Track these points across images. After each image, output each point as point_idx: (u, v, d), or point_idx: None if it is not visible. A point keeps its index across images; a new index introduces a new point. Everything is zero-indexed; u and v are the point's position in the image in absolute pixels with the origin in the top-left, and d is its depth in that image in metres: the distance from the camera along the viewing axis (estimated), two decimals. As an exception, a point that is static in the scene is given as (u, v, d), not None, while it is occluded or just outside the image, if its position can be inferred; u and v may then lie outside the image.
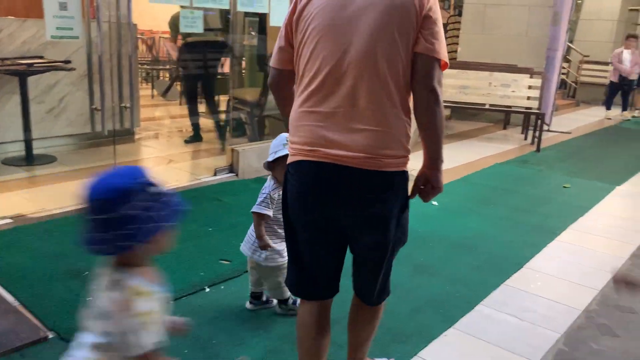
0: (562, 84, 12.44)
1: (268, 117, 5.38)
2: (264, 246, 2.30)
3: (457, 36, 9.08)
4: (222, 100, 5.95)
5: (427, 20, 1.55)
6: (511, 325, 2.54)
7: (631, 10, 13.32)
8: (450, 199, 4.41)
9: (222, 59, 5.72)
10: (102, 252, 1.21)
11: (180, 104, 7.24)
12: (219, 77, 5.89)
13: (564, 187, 5.02)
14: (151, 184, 1.23)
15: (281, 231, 2.28)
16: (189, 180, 4.40)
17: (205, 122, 5.74)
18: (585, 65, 12.03)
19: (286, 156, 1.77)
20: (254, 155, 4.63)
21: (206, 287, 2.71)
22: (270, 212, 2.31)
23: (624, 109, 9.93)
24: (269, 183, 2.34)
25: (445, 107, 7.12)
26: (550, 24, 8.15)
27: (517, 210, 4.24)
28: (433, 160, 1.73)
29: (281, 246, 2.31)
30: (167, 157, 5.09)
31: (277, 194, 2.28)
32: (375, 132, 1.57)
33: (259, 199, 2.31)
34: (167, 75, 8.91)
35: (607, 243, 3.68)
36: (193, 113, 5.60)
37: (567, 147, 7.02)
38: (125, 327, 1.19)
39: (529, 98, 6.84)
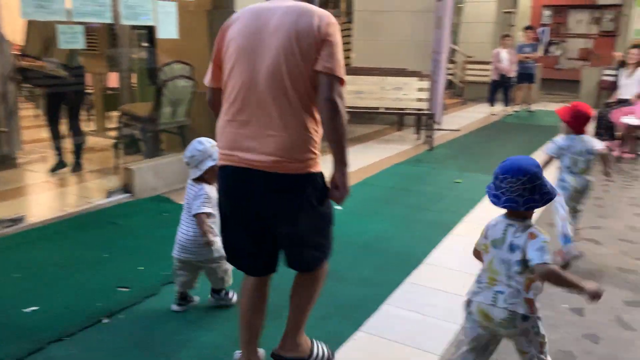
0: (449, 84, 13.20)
1: (163, 131, 5.20)
2: (208, 243, 2.50)
3: (350, 42, 9.34)
4: (114, 117, 5.67)
5: (326, 44, 1.83)
6: (415, 321, 2.63)
7: (505, 12, 14.46)
8: (353, 202, 4.48)
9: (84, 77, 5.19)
10: (531, 208, 1.82)
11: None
12: (107, 92, 5.60)
13: (456, 182, 5.31)
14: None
15: (215, 226, 2.54)
16: (80, 204, 4.14)
17: (96, 141, 5.44)
18: (469, 66, 12.86)
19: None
20: (150, 173, 4.46)
21: (104, 318, 2.56)
22: (213, 210, 2.49)
23: (506, 104, 10.72)
24: (200, 186, 2.57)
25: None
26: (434, 28, 8.63)
27: (415, 208, 4.42)
28: (338, 165, 1.96)
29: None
30: (55, 181, 4.76)
31: (214, 192, 2.48)
32: (283, 138, 1.85)
33: (199, 201, 2.52)
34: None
35: (497, 232, 3.94)
36: (55, 136, 4.98)
37: (457, 143, 7.45)
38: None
39: (419, 100, 7.17)
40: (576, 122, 3.24)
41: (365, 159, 6.25)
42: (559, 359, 2.36)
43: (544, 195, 1.81)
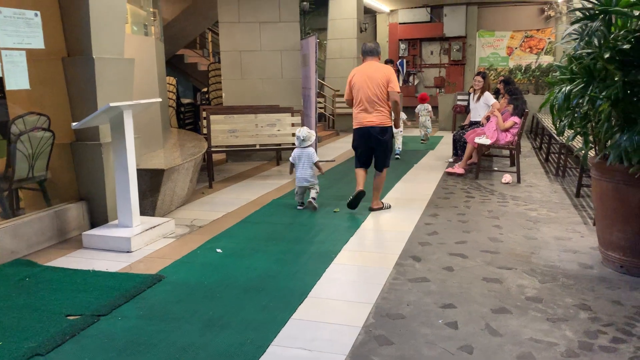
0: (321, 117, 13.71)
1: (21, 188, 4.78)
2: (321, 172, 5.76)
3: (220, 82, 9.35)
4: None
5: (390, 79, 5.20)
6: (302, 359, 2.63)
7: (366, 47, 15.30)
8: (234, 243, 4.46)
9: None
10: None
11: None
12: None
13: (335, 211, 5.47)
14: None
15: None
16: None
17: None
18: (338, 99, 13.46)
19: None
20: (7, 235, 4.06)
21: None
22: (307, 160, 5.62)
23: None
24: (310, 149, 5.66)
25: (220, 151, 7.25)
26: (301, 65, 8.94)
27: (297, 242, 4.47)
28: (396, 118, 5.52)
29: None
30: None
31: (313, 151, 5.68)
32: (379, 113, 5.22)
33: (315, 155, 5.67)
34: None
35: (375, 257, 4.11)
36: None
37: (333, 173, 7.70)
38: None
39: (293, 135, 7.33)
40: None
41: (246, 196, 6.23)
42: (439, 374, 2.49)
43: None
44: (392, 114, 5.39)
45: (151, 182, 5.12)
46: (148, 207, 5.17)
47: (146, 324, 3.00)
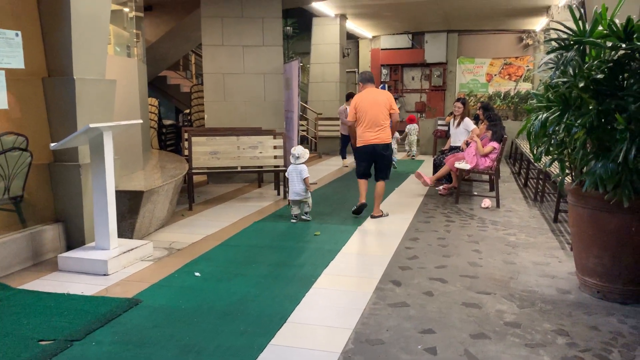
0: (304, 140, 13.76)
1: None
2: (308, 189, 6.05)
3: (202, 104, 9.36)
4: None
5: (390, 102, 6.14)
6: (280, 384, 2.59)
7: (348, 72, 15.56)
8: (213, 267, 4.41)
9: None
10: None
11: None
12: None
13: (315, 234, 5.46)
14: None
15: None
16: None
17: None
18: (320, 122, 13.55)
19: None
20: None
21: None
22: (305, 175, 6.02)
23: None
24: (303, 166, 5.99)
25: (201, 173, 7.22)
26: (284, 88, 9.01)
27: (277, 266, 4.44)
28: (393, 131, 6.44)
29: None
30: None
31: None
32: (382, 132, 6.04)
33: (305, 172, 5.94)
34: None
35: (355, 281, 4.10)
36: None
37: (315, 196, 7.67)
38: None
39: (275, 157, 7.35)
40: None
41: (226, 218, 6.19)
42: (418, 401, 2.47)
43: None
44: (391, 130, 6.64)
45: (130, 204, 5.07)
46: (126, 229, 5.11)
47: (120, 350, 2.94)
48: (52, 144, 4.29)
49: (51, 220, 4.75)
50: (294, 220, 5.98)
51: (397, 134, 10.71)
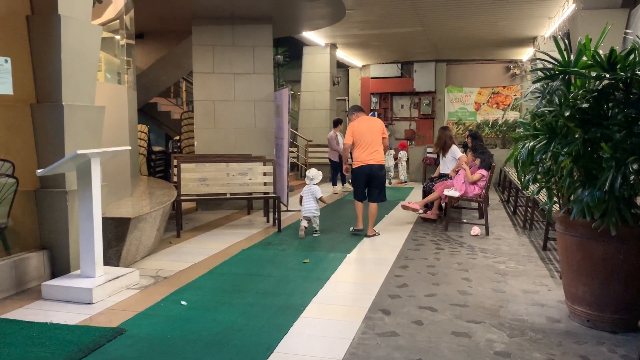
0: (294, 167, 13.78)
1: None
2: (323, 203, 7.16)
3: (193, 130, 9.36)
4: None
5: (384, 130, 6.86)
6: (267, 417, 2.52)
7: (338, 100, 15.70)
8: (200, 295, 4.34)
9: None
10: None
11: None
12: None
13: (304, 262, 5.41)
14: None
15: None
16: None
17: None
18: (310, 149, 13.59)
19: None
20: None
21: None
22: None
23: (343, 183, 11.46)
24: (316, 186, 6.93)
25: (190, 199, 7.17)
26: (274, 116, 9.05)
27: (265, 294, 4.38)
28: (384, 152, 7.05)
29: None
30: None
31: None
32: (378, 154, 6.69)
33: (319, 192, 6.89)
34: None
35: (344, 310, 4.05)
36: None
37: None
38: None
39: (265, 184, 7.33)
40: None
41: (214, 246, 6.13)
42: None
43: None
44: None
45: (117, 231, 5.01)
46: (113, 256, 5.03)
47: (103, 382, 2.86)
48: (39, 170, 4.25)
49: (36, 248, 4.68)
50: (301, 233, 6.68)
51: (392, 152, 13.10)
